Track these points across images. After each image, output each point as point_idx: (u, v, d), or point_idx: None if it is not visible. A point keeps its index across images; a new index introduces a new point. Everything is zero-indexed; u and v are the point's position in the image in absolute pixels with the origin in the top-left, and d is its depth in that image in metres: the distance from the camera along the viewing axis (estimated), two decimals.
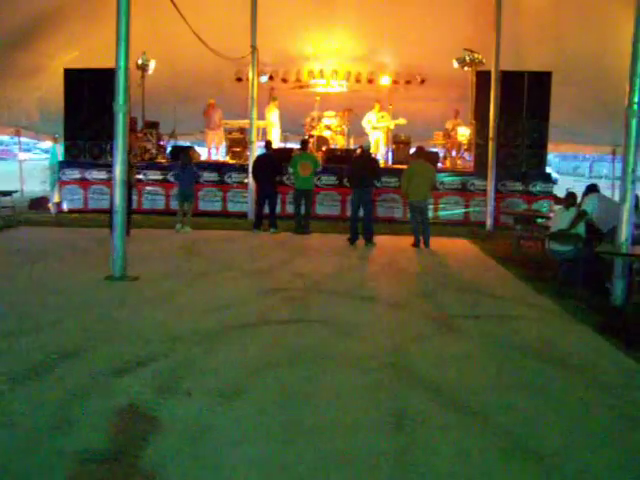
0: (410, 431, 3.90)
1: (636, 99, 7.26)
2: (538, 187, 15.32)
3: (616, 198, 10.33)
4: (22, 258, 9.47)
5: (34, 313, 6.33)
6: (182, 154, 14.16)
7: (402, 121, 16.57)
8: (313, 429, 3.87)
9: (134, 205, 13.64)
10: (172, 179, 14.63)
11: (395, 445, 3.70)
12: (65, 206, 15.67)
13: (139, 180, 15.28)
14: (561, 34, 15.52)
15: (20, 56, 14.93)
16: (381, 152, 17.20)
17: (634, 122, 7.32)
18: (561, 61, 15.27)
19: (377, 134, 17.05)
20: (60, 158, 16.97)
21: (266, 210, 13.15)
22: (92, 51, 14.64)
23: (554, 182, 16.30)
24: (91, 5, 14.43)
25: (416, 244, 11.69)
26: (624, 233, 7.41)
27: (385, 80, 17.88)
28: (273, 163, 13.19)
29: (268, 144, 13.90)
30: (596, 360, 5.50)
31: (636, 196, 7.83)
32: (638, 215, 8.17)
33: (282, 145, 18.53)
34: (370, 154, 12.83)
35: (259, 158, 13.61)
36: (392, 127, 16.97)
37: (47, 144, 20.96)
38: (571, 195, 9.17)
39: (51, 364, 4.80)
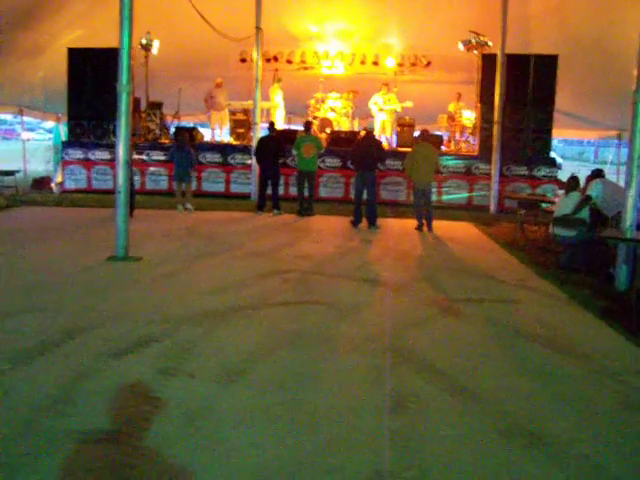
0: (411, 414, 3.91)
1: None
2: (542, 172, 15.23)
3: (621, 184, 10.30)
4: (24, 238, 9.48)
5: (36, 293, 6.34)
6: (178, 135, 14.12)
7: (409, 104, 16.48)
8: (314, 411, 3.88)
9: (137, 186, 13.64)
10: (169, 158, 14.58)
11: (395, 428, 3.70)
12: (68, 186, 15.65)
13: (143, 161, 15.27)
14: (567, 17, 15.36)
15: (24, 35, 14.85)
16: (386, 135, 17.11)
17: None
18: (567, 44, 15.11)
19: (383, 116, 16.95)
20: (63, 138, 16.95)
21: (269, 191, 13.13)
22: (96, 30, 14.56)
23: (559, 167, 16.21)
24: None
25: (419, 227, 11.68)
26: (629, 218, 7.38)
27: (390, 62, 17.75)
28: (277, 145, 13.13)
29: (272, 125, 13.83)
30: (599, 345, 5.49)
31: None
32: None
33: (286, 127, 18.45)
34: (374, 136, 12.75)
35: (263, 139, 13.54)
36: (399, 110, 16.87)
37: (50, 124, 20.85)
38: (573, 179, 9.11)
39: (53, 344, 4.81)
